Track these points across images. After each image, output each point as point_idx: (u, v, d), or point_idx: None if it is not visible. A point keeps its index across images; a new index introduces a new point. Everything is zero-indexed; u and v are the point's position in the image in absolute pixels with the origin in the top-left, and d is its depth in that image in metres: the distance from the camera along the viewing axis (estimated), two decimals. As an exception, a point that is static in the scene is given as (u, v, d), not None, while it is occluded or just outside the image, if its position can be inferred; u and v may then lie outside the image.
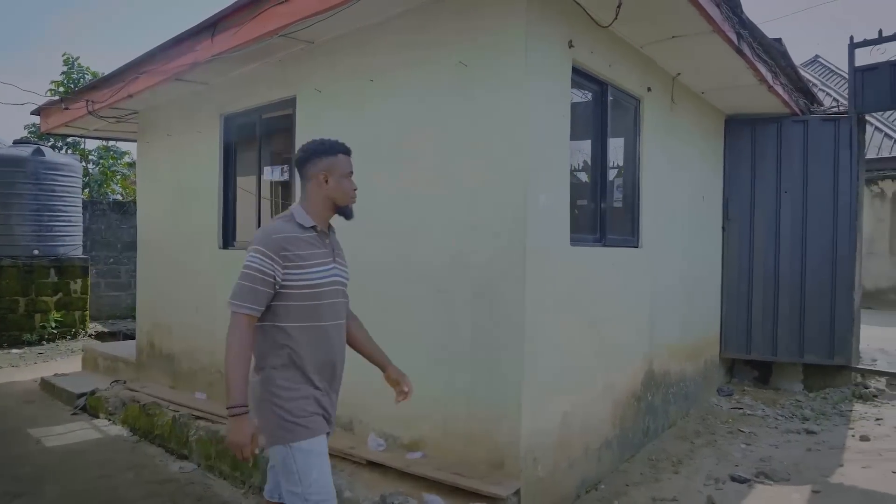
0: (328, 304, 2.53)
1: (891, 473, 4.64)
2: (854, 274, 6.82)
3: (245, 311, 2.38)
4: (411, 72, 4.13)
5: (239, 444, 2.33)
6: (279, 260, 2.39)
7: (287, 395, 2.44)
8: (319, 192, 2.55)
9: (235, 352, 2.35)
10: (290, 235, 2.44)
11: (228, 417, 2.34)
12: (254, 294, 2.38)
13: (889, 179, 14.73)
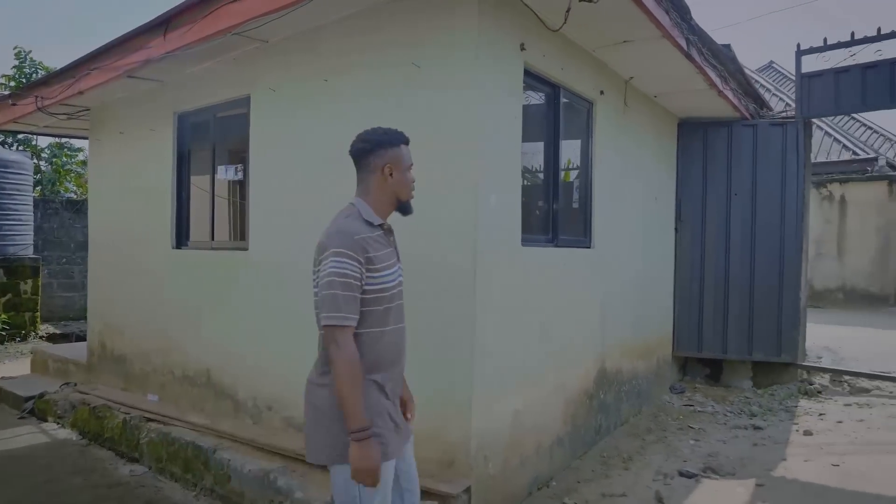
0: (397, 306, 2.37)
1: (830, 466, 4.81)
2: (800, 274, 7.04)
3: (349, 322, 2.18)
4: (365, 72, 4.14)
5: (371, 470, 2.13)
6: (364, 262, 2.21)
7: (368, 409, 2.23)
8: (384, 187, 2.36)
9: (350, 371, 2.13)
10: (367, 236, 2.27)
11: (355, 443, 2.11)
12: (352, 302, 2.19)
13: (837, 183, 15.22)
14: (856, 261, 15.15)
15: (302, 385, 2.33)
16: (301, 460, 4.16)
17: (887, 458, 4.94)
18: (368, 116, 4.08)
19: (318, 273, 2.26)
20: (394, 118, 3.95)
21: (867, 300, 14.90)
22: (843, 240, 15.31)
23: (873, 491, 4.28)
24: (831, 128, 16.24)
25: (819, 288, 15.43)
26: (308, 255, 4.42)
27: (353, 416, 2.12)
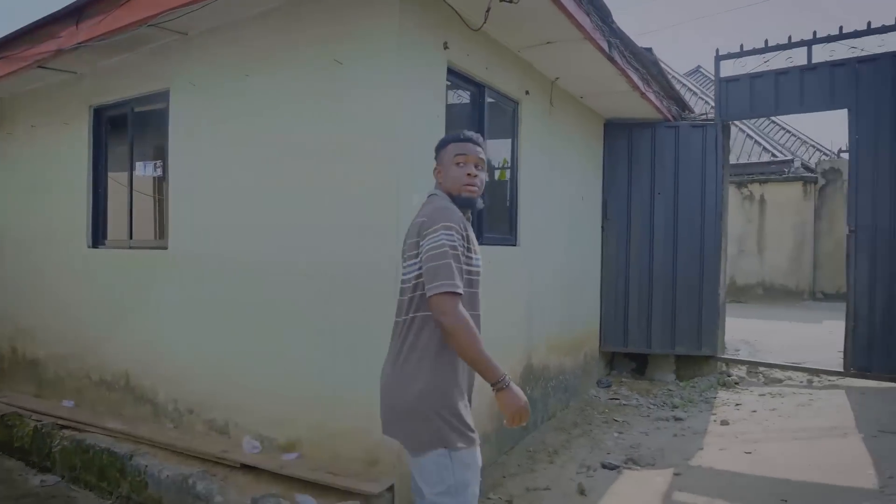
0: (479, 293, 2.41)
1: (743, 454, 5.02)
2: (719, 271, 7.33)
3: (458, 290, 2.17)
4: (287, 68, 4.07)
5: (522, 409, 2.21)
6: (463, 241, 2.26)
7: (455, 395, 2.29)
8: (441, 186, 2.45)
9: (469, 333, 2.15)
10: (462, 217, 2.33)
11: (500, 391, 2.18)
12: (459, 272, 2.19)
13: (757, 183, 15.91)
14: (774, 257, 15.89)
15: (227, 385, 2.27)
16: (222, 463, 4.07)
17: (795, 444, 5.19)
18: (290, 113, 4.04)
19: (422, 249, 2.24)
20: (315, 115, 3.93)
21: (785, 295, 15.65)
22: (763, 238, 16.03)
23: (781, 476, 4.49)
24: (753, 131, 16.97)
25: (741, 284, 16.12)
26: (230, 254, 4.38)
27: (489, 369, 2.18)
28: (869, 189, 6.45)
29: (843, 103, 6.65)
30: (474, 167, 2.40)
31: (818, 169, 16.51)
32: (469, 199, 2.40)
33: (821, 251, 15.80)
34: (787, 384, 7.22)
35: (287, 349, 4.07)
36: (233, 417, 4.40)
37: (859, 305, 6.51)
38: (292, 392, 4.04)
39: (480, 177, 2.42)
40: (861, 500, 4.04)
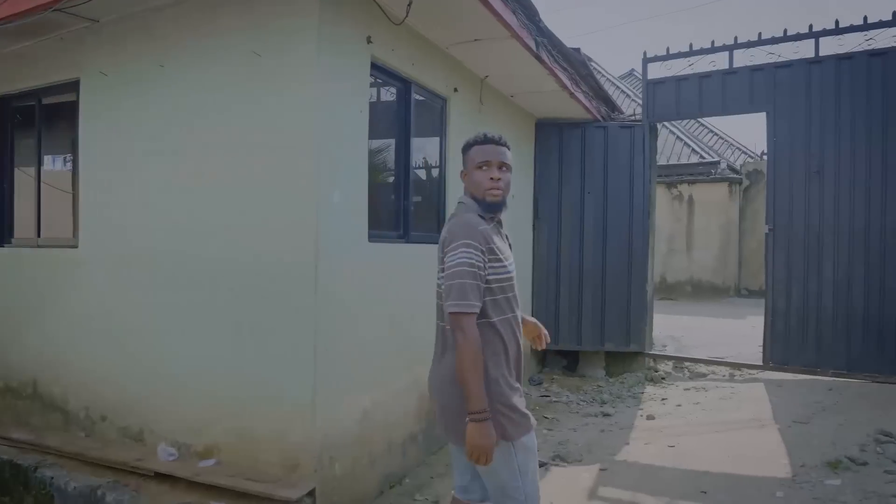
0: (515, 296, 2.50)
1: (667, 448, 5.12)
2: (647, 269, 7.49)
3: (474, 309, 2.28)
4: (203, 59, 3.91)
5: (487, 448, 2.25)
6: (486, 253, 2.33)
7: (506, 390, 2.39)
8: (467, 189, 2.50)
9: (472, 355, 2.24)
10: (486, 228, 2.38)
11: (472, 423, 2.24)
12: (478, 291, 2.30)
13: (686, 184, 16.41)
14: (702, 256, 16.43)
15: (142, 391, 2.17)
16: (135, 473, 3.88)
17: (716, 436, 5.34)
18: (207, 105, 3.89)
19: (445, 264, 2.35)
20: (233, 108, 3.79)
21: (712, 291, 16.19)
22: (692, 236, 16.55)
23: (702, 468, 4.60)
24: (682, 132, 17.50)
25: (671, 281, 16.60)
26: (144, 252, 4.18)
27: (475, 397, 2.24)
28: (786, 190, 6.70)
29: (761, 107, 6.88)
30: (497, 170, 2.44)
31: (743, 170, 17.16)
32: (494, 204, 2.45)
33: (745, 249, 16.42)
34: (711, 378, 7.44)
35: (204, 351, 3.92)
36: (148, 424, 4.21)
37: (777, 302, 6.76)
38: (209, 396, 3.89)
39: (505, 178, 2.47)
40: (775, 489, 4.17)
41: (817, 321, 6.50)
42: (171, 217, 4.07)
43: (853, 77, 6.30)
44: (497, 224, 2.53)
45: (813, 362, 6.54)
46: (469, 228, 2.34)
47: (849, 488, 4.08)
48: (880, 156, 6.16)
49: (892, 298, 6.11)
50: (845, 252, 6.35)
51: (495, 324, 2.39)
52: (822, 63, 6.49)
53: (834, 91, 6.40)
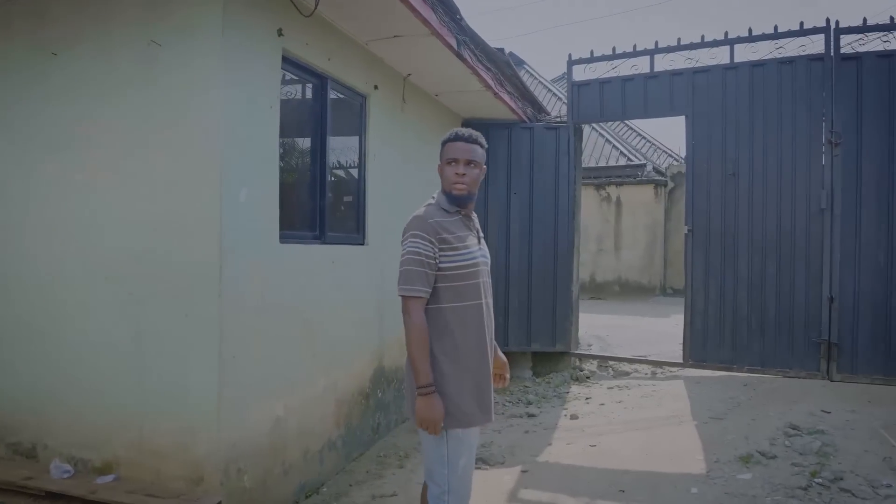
0: (476, 283, 2.62)
1: (589, 447, 5.16)
2: (572, 269, 7.56)
3: (417, 293, 2.49)
4: (100, 47, 3.65)
5: (432, 420, 2.44)
6: (437, 242, 2.51)
7: (449, 379, 2.54)
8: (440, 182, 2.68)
9: (416, 336, 2.47)
10: (442, 220, 2.57)
11: (419, 397, 2.45)
12: (423, 277, 2.50)
13: (614, 185, 16.78)
14: (629, 256, 16.83)
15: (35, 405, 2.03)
16: (24, 492, 3.59)
17: (637, 434, 5.42)
18: (104, 96, 3.66)
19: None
20: (134, 101, 3.57)
21: (639, 291, 16.61)
22: (620, 237, 16.94)
23: (621, 467, 4.65)
24: (610, 135, 17.89)
25: (600, 281, 16.93)
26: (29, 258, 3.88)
27: (420, 373, 2.46)
28: (704, 192, 6.88)
29: (681, 110, 7.05)
30: (464, 166, 2.60)
31: (668, 173, 17.68)
32: (458, 198, 2.62)
33: (671, 250, 16.91)
34: (634, 376, 7.58)
35: (98, 360, 3.66)
36: (42, 440, 3.91)
37: (696, 300, 6.93)
38: (108, 408, 3.64)
39: (471, 174, 2.61)
40: (690, 486, 4.25)
41: (733, 319, 6.70)
42: (64, 215, 3.79)
43: (765, 83, 6.52)
44: (465, 217, 2.68)
45: (729, 359, 6.74)
46: (419, 220, 2.56)
47: (759, 482, 4.19)
48: (790, 160, 6.40)
49: (800, 297, 6.35)
50: (758, 252, 6.57)
51: (445, 310, 2.56)
52: (737, 69, 6.70)
53: (748, 96, 6.61)
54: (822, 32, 6.29)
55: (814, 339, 6.27)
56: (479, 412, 2.60)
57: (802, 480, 4.15)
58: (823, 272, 6.25)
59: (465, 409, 2.55)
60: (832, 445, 4.65)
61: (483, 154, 2.68)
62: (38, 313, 3.92)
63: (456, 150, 2.62)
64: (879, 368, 6.02)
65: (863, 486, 4.06)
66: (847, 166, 6.15)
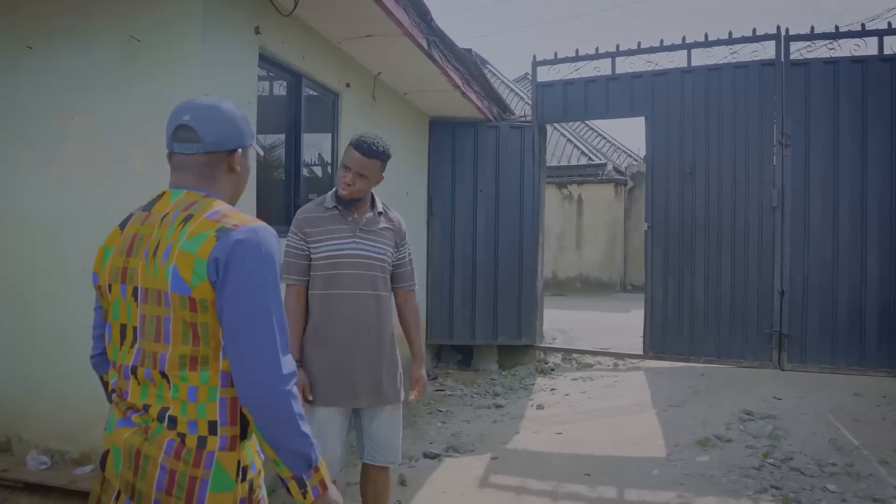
0: (348, 274, 2.78)
1: (555, 435, 5.35)
2: (537, 265, 7.76)
3: (287, 281, 2.77)
4: (77, 41, 3.68)
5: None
6: (302, 236, 2.79)
7: (308, 358, 2.79)
8: None
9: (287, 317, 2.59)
10: (311, 215, 2.83)
11: None
12: (292, 266, 2.79)
13: (576, 184, 17.11)
14: (590, 253, 17.19)
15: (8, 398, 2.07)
16: (1, 485, 3.61)
17: (600, 422, 5.63)
18: (81, 91, 3.69)
19: None
20: (112, 96, 3.61)
21: (600, 287, 16.98)
22: (581, 235, 17.28)
23: (586, 452, 4.85)
24: (572, 135, 18.23)
25: (562, 277, 17.25)
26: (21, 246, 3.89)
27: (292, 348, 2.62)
28: (662, 190, 7.15)
29: (641, 111, 7.31)
30: (353, 175, 2.74)
31: (627, 172, 18.11)
32: (341, 198, 2.82)
33: (630, 247, 17.34)
34: (597, 368, 7.81)
35: (74, 353, 3.68)
36: (17, 432, 3.92)
37: (655, 294, 7.20)
38: (85, 399, 3.65)
39: (357, 186, 2.75)
40: (651, 468, 4.46)
41: (690, 312, 6.99)
42: (39, 207, 3.81)
43: (721, 86, 6.82)
44: (345, 212, 2.83)
45: (687, 351, 7.02)
46: (296, 216, 2.88)
47: (715, 463, 4.43)
48: (744, 160, 6.71)
49: (753, 290, 6.66)
50: (714, 248, 6.86)
51: (313, 296, 2.82)
52: (694, 72, 6.98)
53: (704, 98, 6.89)
54: (773, 39, 6.61)
55: (766, 330, 6.58)
56: (335, 394, 2.79)
57: (755, 461, 4.40)
58: (775, 267, 6.56)
59: (319, 387, 2.76)
60: (783, 429, 4.93)
61: (379, 167, 2.79)
62: (11, 306, 3.93)
63: (351, 160, 2.74)
64: (827, 357, 6.36)
65: (810, 464, 4.33)
66: (796, 166, 6.48)
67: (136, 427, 1.48)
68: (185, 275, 1.41)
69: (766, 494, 3.98)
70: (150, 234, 1.51)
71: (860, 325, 6.24)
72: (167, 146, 1.62)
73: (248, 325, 1.41)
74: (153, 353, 1.46)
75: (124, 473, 1.46)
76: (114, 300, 1.54)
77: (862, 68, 6.25)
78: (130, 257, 1.52)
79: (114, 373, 1.58)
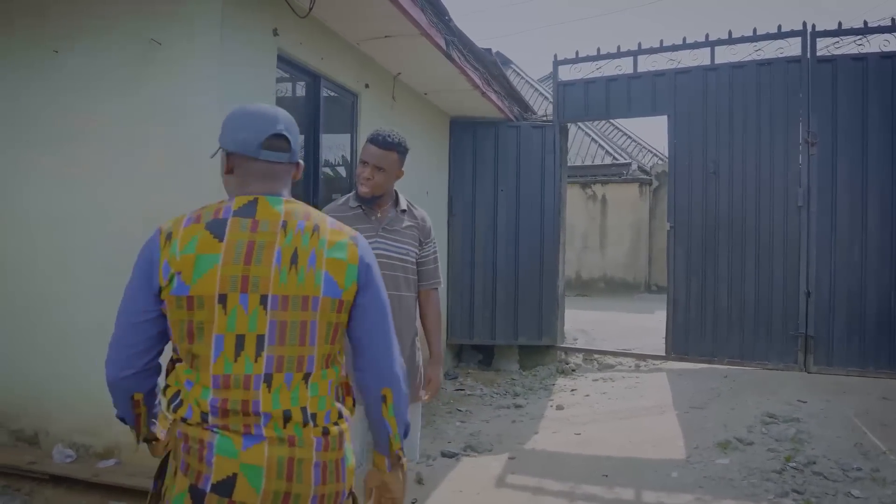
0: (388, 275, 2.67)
1: (574, 435, 5.33)
2: (557, 264, 7.73)
3: None
4: (100, 44, 3.76)
5: None
6: None
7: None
8: None
9: None
10: (336, 215, 2.57)
11: None
12: None
13: (600, 184, 16.99)
14: (614, 253, 17.05)
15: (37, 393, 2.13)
16: (28, 477, 3.71)
17: (620, 423, 5.59)
18: (105, 92, 3.77)
19: None
20: (133, 97, 3.69)
21: (624, 288, 16.83)
22: (605, 235, 17.16)
23: (605, 453, 4.82)
24: (596, 134, 18.10)
25: (586, 278, 17.14)
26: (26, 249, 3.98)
27: None
28: (685, 189, 7.07)
29: (663, 110, 7.23)
30: (372, 169, 2.71)
31: (652, 172, 17.91)
32: (361, 196, 2.78)
33: (655, 247, 17.14)
34: (618, 369, 7.76)
35: (101, 349, 3.77)
36: (44, 426, 4.02)
37: (678, 295, 7.12)
38: (107, 396, 3.74)
39: (376, 179, 2.72)
40: (671, 470, 4.42)
41: (714, 313, 6.90)
42: (65, 208, 3.90)
43: (745, 84, 6.72)
44: (368, 212, 2.81)
45: (710, 352, 6.93)
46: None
47: (736, 466, 4.37)
48: (769, 158, 6.60)
49: (778, 291, 6.56)
50: (738, 247, 6.77)
51: None
52: (717, 70, 6.89)
53: (728, 96, 6.80)
54: (798, 35, 6.50)
55: (791, 332, 6.47)
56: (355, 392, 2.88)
57: (777, 464, 4.33)
58: (801, 267, 6.45)
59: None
60: (807, 432, 4.85)
61: (397, 160, 2.75)
62: (36, 304, 4.03)
63: (368, 153, 2.73)
64: (854, 360, 6.23)
65: (834, 469, 4.25)
66: (823, 165, 6.36)
67: (273, 438, 1.47)
68: (338, 279, 1.54)
69: (787, 499, 3.91)
70: (272, 243, 1.51)
71: (889, 326, 6.11)
72: (251, 153, 1.56)
73: (384, 318, 1.65)
74: (297, 356, 1.51)
75: (272, 486, 1.46)
76: (230, 310, 1.48)
77: (892, 64, 6.12)
78: (251, 265, 1.49)
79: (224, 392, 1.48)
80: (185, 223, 1.53)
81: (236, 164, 1.58)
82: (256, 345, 1.48)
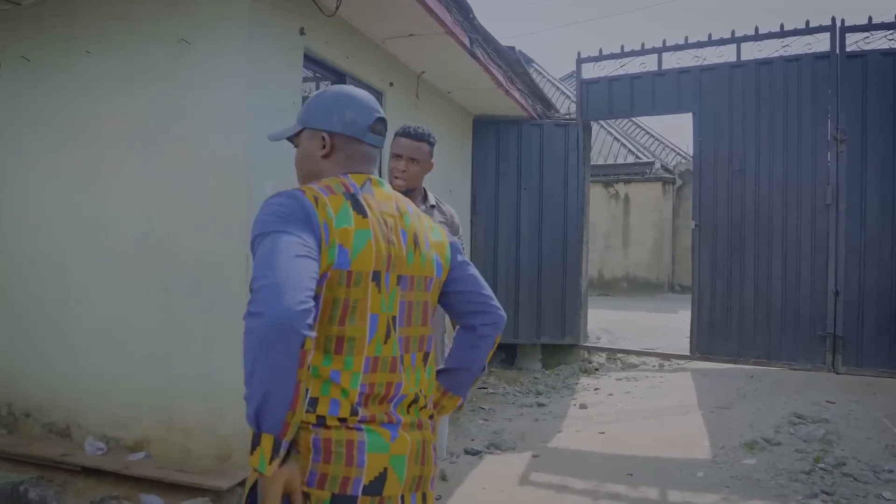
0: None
1: (597, 434, 5.30)
2: (581, 263, 7.70)
3: None
4: (131, 45, 3.84)
5: None
6: None
7: None
8: None
9: None
10: None
11: None
12: None
13: (622, 183, 16.87)
14: (637, 252, 16.92)
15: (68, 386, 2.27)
16: (61, 468, 3.79)
17: (643, 422, 5.55)
18: (137, 92, 3.84)
19: None
20: (163, 96, 3.75)
21: (647, 287, 16.70)
22: (628, 234, 17.03)
23: (629, 453, 4.79)
24: (619, 133, 17.99)
25: (608, 277, 17.04)
26: (58, 246, 4.06)
27: None
28: (711, 188, 7.00)
29: (688, 107, 7.16)
30: (405, 161, 2.71)
31: (676, 170, 17.76)
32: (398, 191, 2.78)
33: (678, 247, 17.00)
34: (642, 369, 7.71)
35: (130, 345, 3.85)
36: (75, 419, 4.11)
37: (703, 294, 7.06)
38: (137, 389, 3.83)
39: (410, 170, 2.72)
40: (696, 470, 4.38)
41: (739, 312, 6.82)
42: (94, 206, 3.98)
43: (771, 81, 6.64)
44: None
45: (735, 352, 6.86)
46: None
47: (763, 466, 4.32)
48: (796, 156, 6.52)
49: (806, 291, 6.46)
50: (765, 246, 6.68)
51: None
52: (743, 66, 6.82)
53: (754, 93, 6.72)
54: (827, 31, 6.40)
55: (819, 332, 6.38)
56: None
57: (806, 465, 4.28)
58: (829, 266, 6.35)
59: None
60: (836, 433, 4.77)
61: (428, 151, 2.74)
62: (69, 301, 4.12)
63: (400, 146, 2.71)
64: (884, 361, 6.12)
65: (864, 470, 4.18)
66: (852, 163, 6.26)
67: (407, 423, 1.45)
68: (443, 261, 1.60)
69: (816, 500, 3.86)
70: (396, 224, 1.49)
71: (920, 327, 6.00)
72: (358, 135, 1.51)
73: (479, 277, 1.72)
74: (420, 337, 1.53)
75: (412, 472, 1.44)
76: (382, 290, 1.43)
77: (923, 59, 6.01)
78: (392, 244, 1.46)
79: (371, 377, 1.40)
80: (323, 192, 1.41)
81: (339, 146, 1.52)
82: (393, 326, 1.45)
